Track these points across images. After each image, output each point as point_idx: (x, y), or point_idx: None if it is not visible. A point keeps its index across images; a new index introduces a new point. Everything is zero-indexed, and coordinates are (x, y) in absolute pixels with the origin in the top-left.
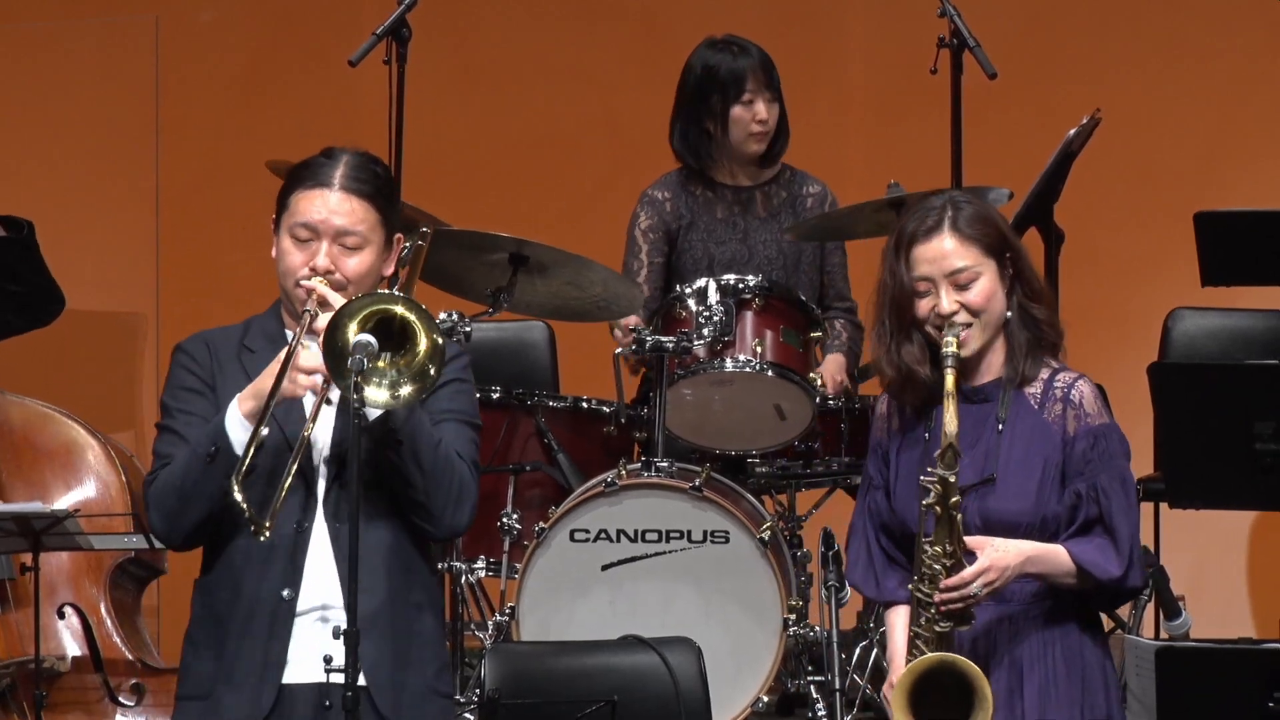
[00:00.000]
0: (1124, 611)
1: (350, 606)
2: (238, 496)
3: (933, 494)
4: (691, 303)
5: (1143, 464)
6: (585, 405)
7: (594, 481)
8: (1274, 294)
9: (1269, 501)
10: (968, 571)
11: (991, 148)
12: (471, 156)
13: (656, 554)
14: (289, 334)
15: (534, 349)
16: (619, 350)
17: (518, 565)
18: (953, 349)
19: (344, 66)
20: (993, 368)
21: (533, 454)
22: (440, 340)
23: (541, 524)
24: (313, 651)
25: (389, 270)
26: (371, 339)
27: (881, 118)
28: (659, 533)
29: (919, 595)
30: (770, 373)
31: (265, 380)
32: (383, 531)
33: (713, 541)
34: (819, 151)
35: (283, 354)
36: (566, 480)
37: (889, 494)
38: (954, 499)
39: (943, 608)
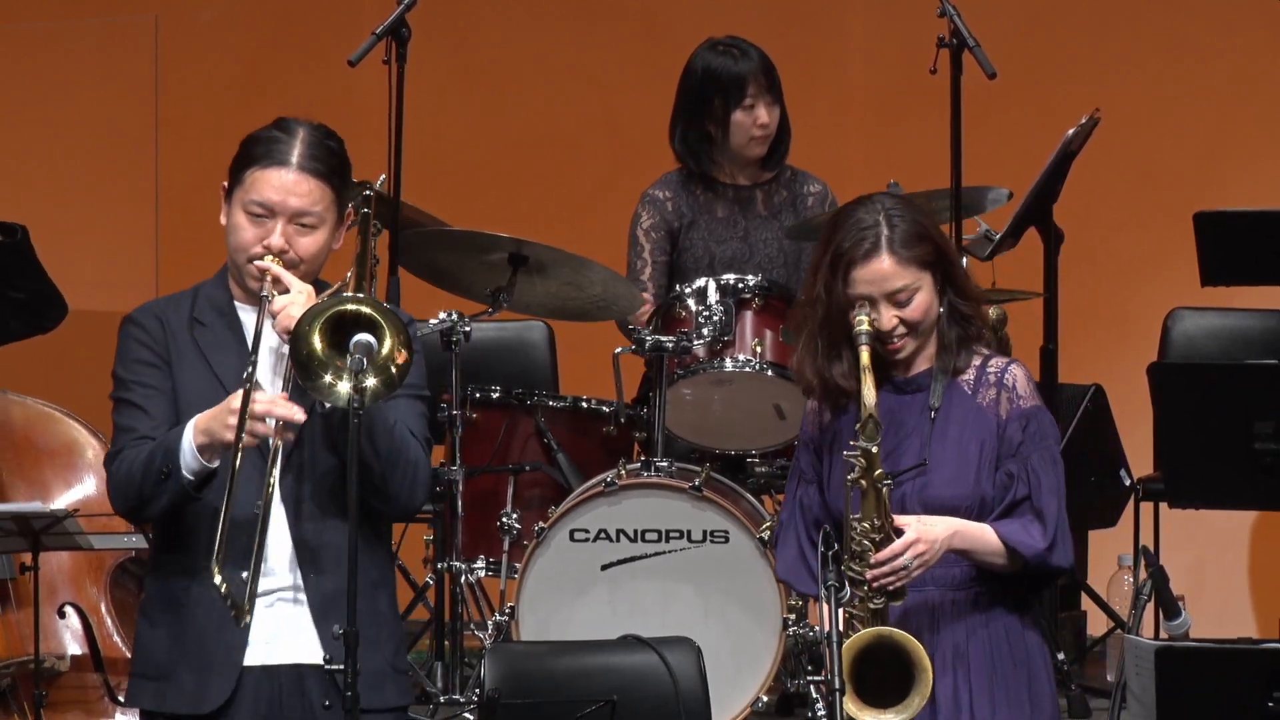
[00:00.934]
0: (1123, 611)
1: (350, 607)
2: (217, 580)
3: (857, 468)
4: (691, 302)
5: (1143, 464)
6: (585, 405)
7: (594, 481)
8: (1274, 294)
9: (1269, 501)
10: (897, 544)
11: (991, 147)
12: (471, 156)
13: (656, 554)
14: (237, 305)
15: (534, 349)
16: (619, 350)
17: (517, 565)
18: (864, 327)
19: (344, 66)
20: (924, 359)
21: (532, 454)
22: (404, 335)
23: (541, 524)
24: (272, 634)
25: (338, 244)
26: (372, 339)
27: (881, 117)
28: (658, 532)
29: (850, 573)
30: (770, 372)
31: (215, 422)
32: (342, 514)
33: (712, 541)
34: (819, 151)
35: (235, 400)
36: (566, 480)
37: (822, 488)
38: (878, 471)
39: (874, 583)
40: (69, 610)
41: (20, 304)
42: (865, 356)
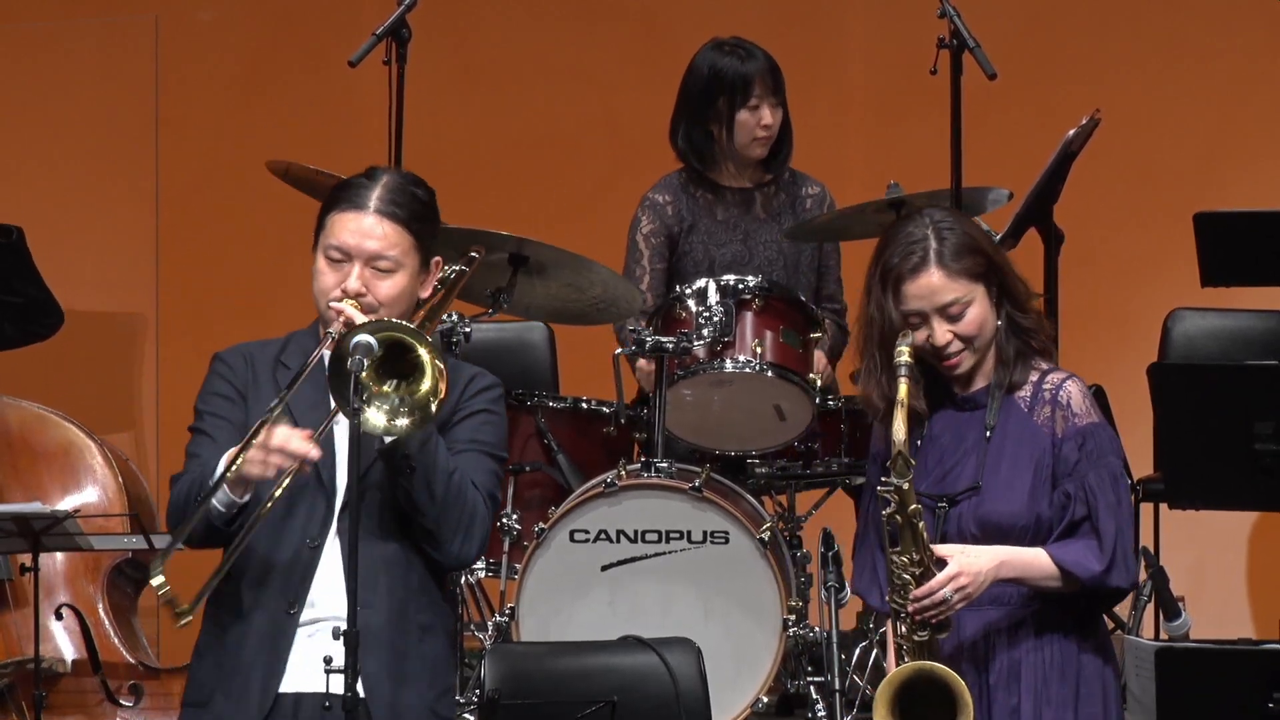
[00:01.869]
0: (1124, 612)
1: (351, 608)
2: (155, 581)
3: (891, 504)
4: (691, 303)
5: (1143, 464)
6: (585, 406)
7: (594, 482)
8: (1274, 294)
9: (1269, 502)
10: (938, 578)
11: (991, 148)
12: (471, 157)
13: (656, 554)
14: (324, 352)
15: (534, 349)
16: (619, 351)
17: (517, 566)
18: (905, 359)
19: (344, 67)
20: (983, 375)
21: (532, 454)
22: (443, 384)
23: (541, 524)
24: (311, 661)
25: (426, 293)
26: (372, 340)
27: (881, 118)
28: (659, 533)
29: (895, 606)
30: (770, 373)
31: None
32: (394, 550)
33: (712, 542)
34: (819, 152)
35: (254, 428)
36: (566, 481)
37: None
38: (912, 507)
39: (916, 616)
40: (66, 612)
41: (16, 309)
42: (903, 390)
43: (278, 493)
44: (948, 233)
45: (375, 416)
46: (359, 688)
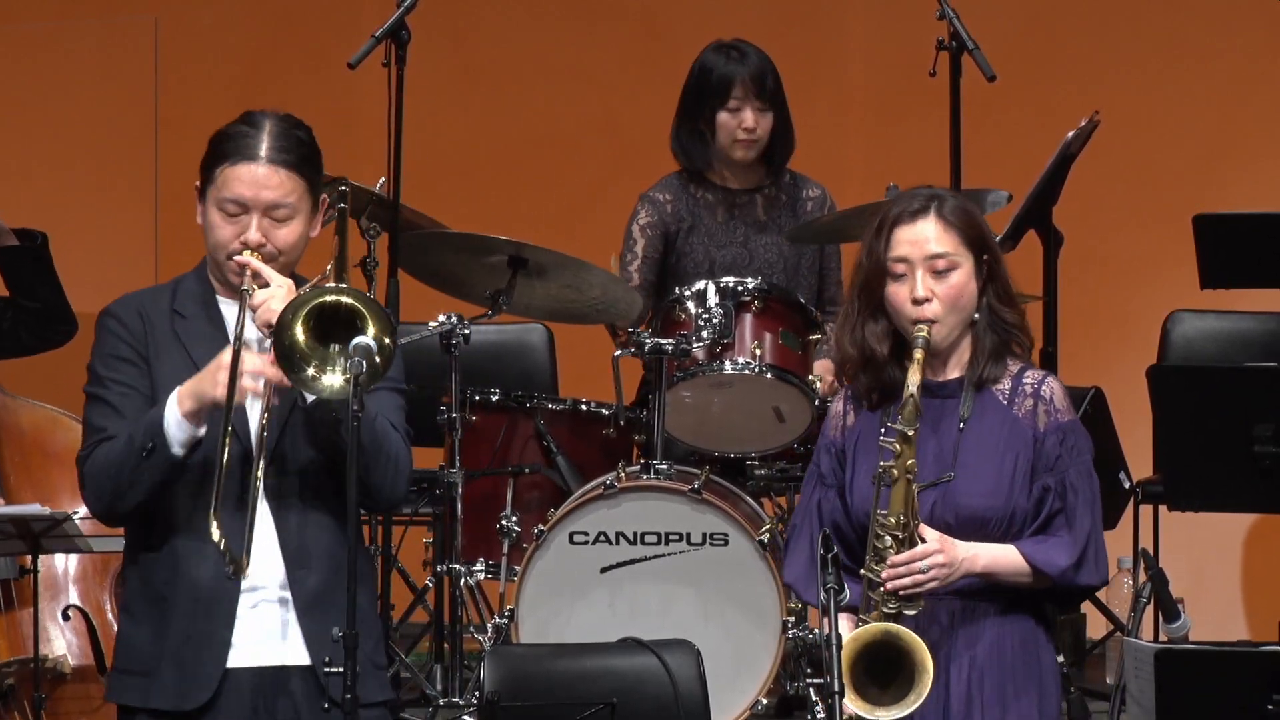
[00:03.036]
0: (1123, 614)
1: (350, 608)
2: (215, 535)
3: (891, 455)
4: (690, 305)
5: (1142, 466)
6: (584, 407)
7: (593, 484)
8: (1273, 296)
9: (1268, 504)
10: (918, 549)
11: (991, 150)
12: (471, 158)
13: (655, 556)
14: (219, 299)
15: (533, 351)
16: (618, 353)
17: (517, 567)
18: (924, 333)
19: (343, 68)
20: (956, 366)
21: (532, 456)
22: (388, 324)
23: (540, 526)
24: (257, 634)
25: (315, 232)
26: (370, 341)
27: (881, 120)
28: (658, 535)
29: (869, 575)
30: (769, 375)
31: (204, 383)
32: (324, 510)
33: (712, 544)
34: (819, 154)
35: (225, 356)
36: (565, 482)
37: (843, 492)
38: (910, 461)
39: (889, 584)
40: (73, 613)
41: (34, 314)
42: (919, 353)
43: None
44: (950, 197)
45: (327, 380)
46: (305, 655)
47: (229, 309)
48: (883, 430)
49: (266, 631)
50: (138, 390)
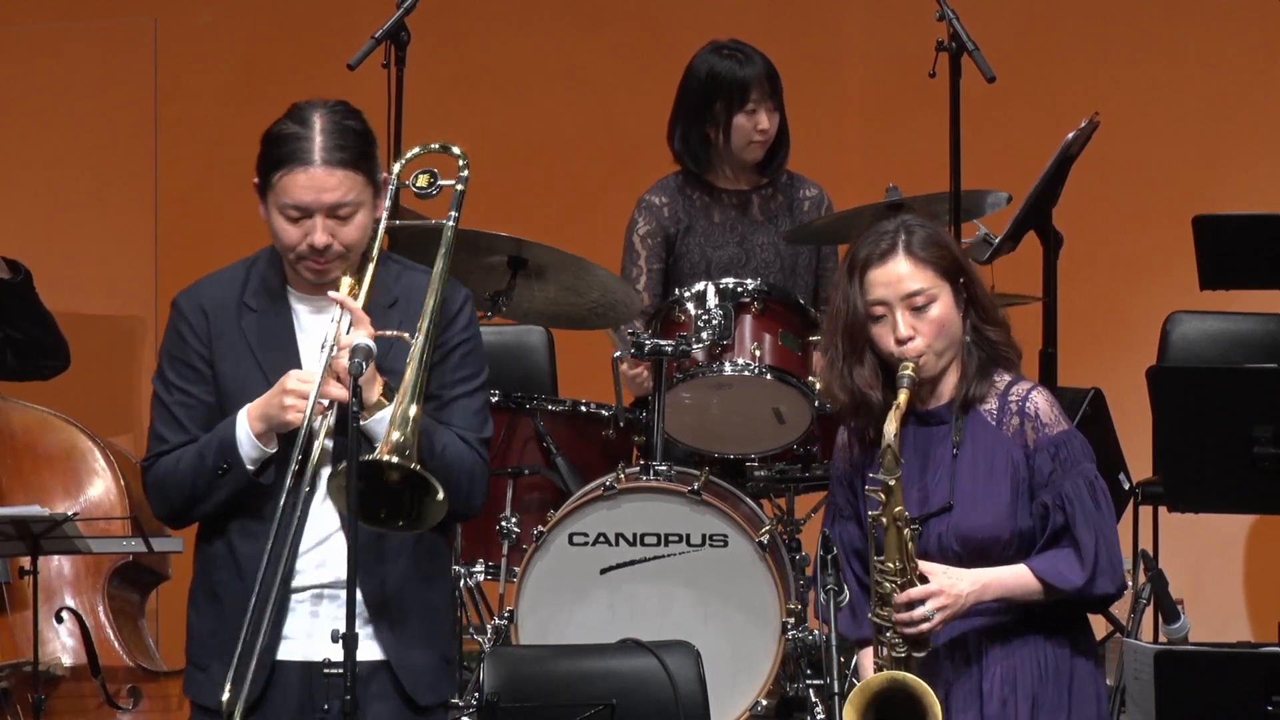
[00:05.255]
0: (1123, 615)
1: (350, 608)
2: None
3: (879, 504)
4: (690, 306)
5: (1142, 467)
6: (584, 409)
7: (593, 485)
8: (1272, 298)
9: (1267, 505)
10: (916, 591)
11: (990, 151)
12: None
13: (655, 557)
14: (290, 292)
15: (533, 352)
16: (618, 354)
17: (516, 569)
18: (909, 371)
19: (343, 69)
20: (946, 390)
21: (531, 457)
22: (440, 496)
23: (540, 527)
24: (308, 630)
25: (380, 212)
26: (372, 345)
27: (880, 121)
28: (657, 536)
29: (877, 620)
30: (769, 376)
31: (272, 407)
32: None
33: (711, 545)
34: (817, 154)
35: (289, 381)
36: (565, 484)
37: (860, 521)
38: (897, 508)
39: (898, 629)
40: (67, 615)
41: (20, 345)
42: (903, 397)
43: (317, 443)
44: (917, 228)
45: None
46: (379, 652)
47: (299, 304)
48: (870, 475)
49: (316, 627)
50: (199, 400)
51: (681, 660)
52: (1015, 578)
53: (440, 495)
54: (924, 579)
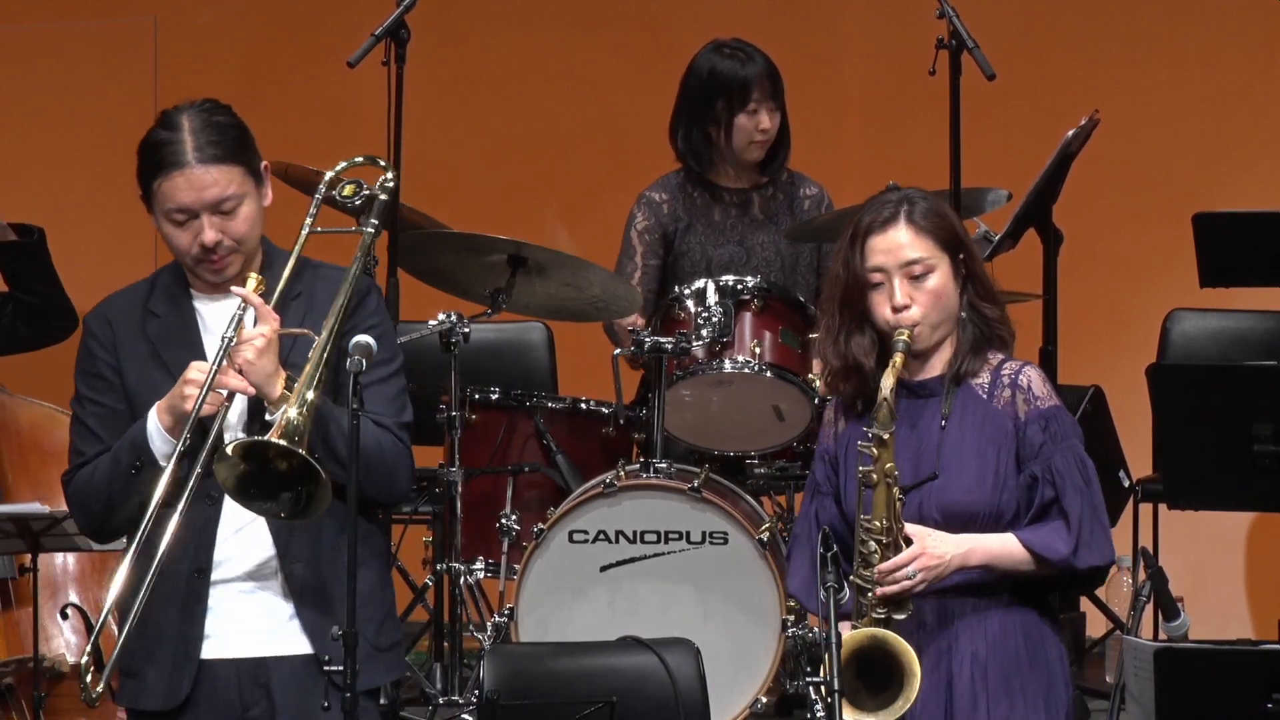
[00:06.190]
0: (1123, 612)
1: (350, 608)
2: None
3: (870, 459)
4: (690, 304)
5: (1142, 465)
6: (584, 406)
7: (593, 482)
8: (1272, 295)
9: (1267, 503)
10: (901, 555)
11: (990, 149)
12: (470, 158)
13: (655, 555)
14: (193, 295)
15: (533, 350)
16: (618, 351)
17: (516, 566)
18: (905, 337)
19: (343, 68)
20: (939, 363)
21: (531, 455)
22: (323, 487)
23: (540, 525)
24: (232, 625)
25: (268, 200)
26: (371, 342)
27: (880, 119)
28: (658, 534)
29: (859, 580)
30: (769, 374)
31: (175, 398)
32: None
33: (711, 543)
34: (817, 153)
35: (190, 372)
36: (565, 481)
37: (839, 500)
38: (889, 465)
39: (878, 590)
40: (72, 612)
41: (33, 309)
42: (899, 359)
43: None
44: (920, 199)
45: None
46: (308, 645)
47: (202, 305)
48: (864, 428)
49: (252, 622)
50: (112, 409)
51: (681, 658)
52: (1001, 545)
53: (323, 478)
54: (909, 541)
